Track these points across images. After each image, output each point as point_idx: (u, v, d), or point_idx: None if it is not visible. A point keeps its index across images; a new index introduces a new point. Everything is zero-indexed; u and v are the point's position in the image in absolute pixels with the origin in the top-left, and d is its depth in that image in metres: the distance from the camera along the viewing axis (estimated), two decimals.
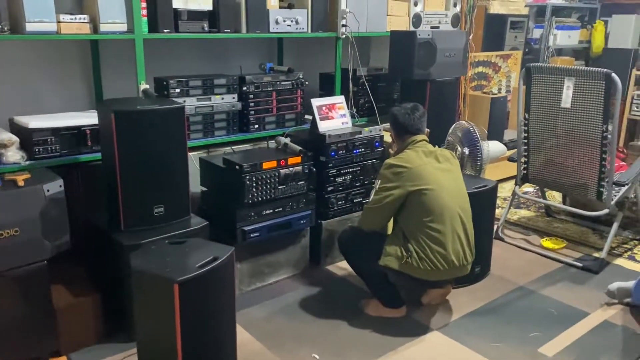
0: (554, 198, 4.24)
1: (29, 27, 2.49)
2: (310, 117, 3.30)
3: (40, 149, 2.59)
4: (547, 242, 3.54)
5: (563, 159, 3.28)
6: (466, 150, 3.32)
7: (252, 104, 3.34)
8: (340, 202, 3.17)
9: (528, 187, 4.30)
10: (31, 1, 2.47)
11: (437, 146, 2.69)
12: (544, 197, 3.93)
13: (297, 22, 3.44)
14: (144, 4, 2.82)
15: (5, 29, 2.50)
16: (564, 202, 3.94)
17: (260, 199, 2.77)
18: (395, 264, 2.47)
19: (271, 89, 3.42)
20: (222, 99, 3.23)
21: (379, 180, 2.54)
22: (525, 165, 3.48)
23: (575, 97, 3.11)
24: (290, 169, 2.87)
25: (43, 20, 2.53)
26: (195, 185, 2.89)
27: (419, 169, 2.47)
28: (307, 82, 3.58)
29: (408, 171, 2.47)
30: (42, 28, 2.53)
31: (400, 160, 2.52)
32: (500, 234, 3.60)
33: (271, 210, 2.84)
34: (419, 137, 2.62)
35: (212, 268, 1.95)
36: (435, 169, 2.51)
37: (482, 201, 2.86)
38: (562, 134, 3.23)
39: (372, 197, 2.55)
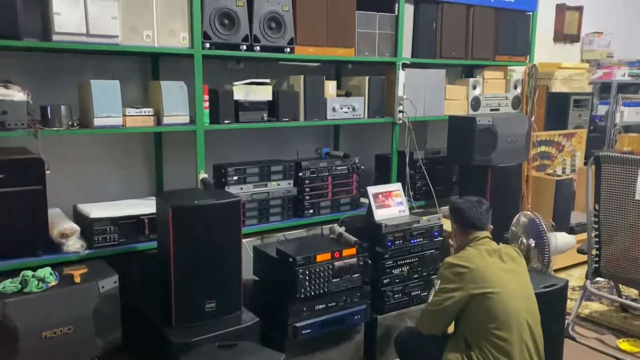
0: (631, 291, 3.91)
1: (97, 122, 2.61)
2: (365, 201, 3.24)
3: (100, 239, 2.64)
4: (624, 344, 3.23)
5: (639, 253, 3.03)
6: (532, 242, 3.14)
7: (307, 189, 3.33)
8: (397, 296, 3.02)
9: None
10: (101, 98, 2.60)
11: (500, 243, 2.55)
12: (619, 292, 3.63)
13: (354, 109, 3.46)
14: (206, 97, 2.90)
15: (75, 124, 2.62)
16: None
17: (313, 293, 2.68)
18: None
19: (327, 174, 3.41)
20: (278, 184, 3.24)
21: (439, 281, 2.40)
22: (597, 259, 3.24)
23: None
24: (345, 261, 2.78)
25: (110, 115, 2.64)
26: (247, 272, 2.85)
27: (482, 270, 2.32)
28: (362, 167, 3.55)
29: (470, 272, 2.32)
30: (109, 122, 2.64)
31: (461, 260, 2.38)
32: (571, 332, 3.32)
33: (324, 305, 2.73)
34: (482, 233, 2.48)
35: None
36: (500, 270, 2.36)
37: (551, 302, 2.65)
38: (638, 227, 3.01)
39: (431, 298, 2.41)
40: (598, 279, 3.52)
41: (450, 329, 2.48)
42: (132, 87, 3.09)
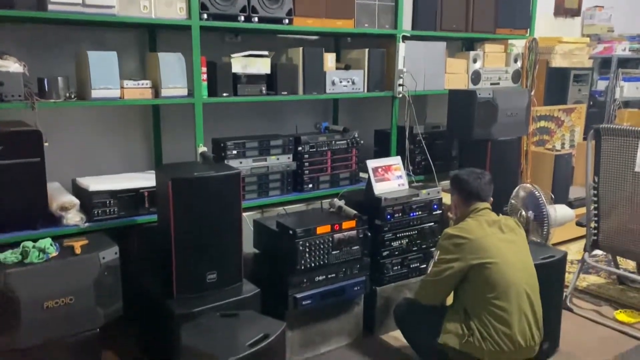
0: (628, 264, 3.94)
1: (95, 93, 2.58)
2: (365, 175, 3.23)
3: (99, 211, 2.63)
4: (621, 315, 3.26)
5: (637, 225, 3.04)
6: (531, 215, 3.15)
7: (306, 164, 3.33)
8: (396, 268, 3.04)
9: (597, 250, 4.02)
10: (98, 69, 2.57)
11: (500, 214, 2.55)
12: (616, 265, 3.65)
13: (353, 83, 3.43)
14: (204, 69, 2.87)
15: (72, 96, 2.59)
16: (639, 271, 3.64)
17: (313, 264, 2.69)
18: (455, 343, 2.31)
19: (326, 148, 3.39)
20: (278, 159, 3.23)
21: (438, 252, 2.42)
22: (595, 231, 3.26)
23: None
24: (345, 233, 2.79)
25: (108, 87, 2.61)
26: (248, 245, 2.85)
27: (481, 241, 2.34)
28: (362, 142, 3.54)
29: (469, 242, 2.33)
30: (107, 94, 2.62)
31: (460, 231, 2.39)
32: (569, 303, 3.35)
33: (324, 277, 2.75)
34: (483, 204, 2.49)
35: (263, 347, 1.88)
36: (499, 241, 2.37)
37: (550, 273, 2.66)
38: (636, 199, 3.01)
39: (430, 269, 2.42)
40: (596, 251, 3.54)
41: (449, 299, 2.50)
42: (129, 59, 3.06)
